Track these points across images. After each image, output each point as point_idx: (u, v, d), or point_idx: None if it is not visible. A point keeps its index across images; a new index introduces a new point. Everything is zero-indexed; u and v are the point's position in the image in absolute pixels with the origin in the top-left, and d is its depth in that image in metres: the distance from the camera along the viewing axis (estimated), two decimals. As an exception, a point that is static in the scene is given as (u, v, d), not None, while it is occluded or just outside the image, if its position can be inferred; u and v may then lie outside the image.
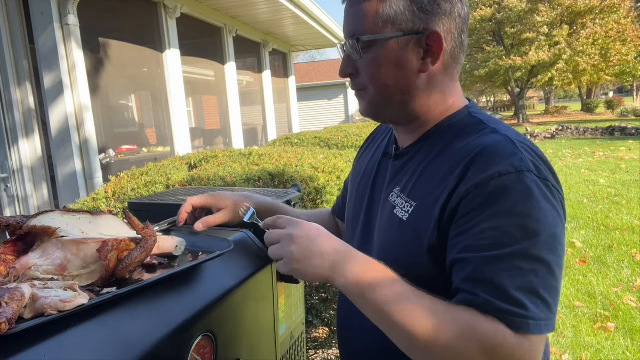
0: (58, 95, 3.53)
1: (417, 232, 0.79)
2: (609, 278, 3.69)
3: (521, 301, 0.65)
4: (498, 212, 0.69)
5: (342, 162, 2.84)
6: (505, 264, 0.67)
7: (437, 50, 0.80)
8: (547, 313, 0.66)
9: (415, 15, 0.79)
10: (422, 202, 0.80)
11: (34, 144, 3.68)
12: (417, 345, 0.68)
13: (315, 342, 2.20)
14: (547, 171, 0.74)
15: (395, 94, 0.84)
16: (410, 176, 0.86)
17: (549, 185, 0.72)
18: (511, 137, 0.76)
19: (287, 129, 9.16)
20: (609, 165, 8.91)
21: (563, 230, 0.72)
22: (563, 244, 0.72)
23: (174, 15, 4.91)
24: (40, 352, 0.62)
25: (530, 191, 0.69)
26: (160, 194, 1.49)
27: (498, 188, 0.70)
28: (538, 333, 0.65)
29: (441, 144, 0.83)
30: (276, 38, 8.15)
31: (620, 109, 24.96)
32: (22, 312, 0.65)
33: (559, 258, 0.70)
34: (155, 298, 0.81)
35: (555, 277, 0.68)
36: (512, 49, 22.43)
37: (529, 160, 0.72)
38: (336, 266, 0.76)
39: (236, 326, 0.98)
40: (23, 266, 0.76)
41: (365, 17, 0.81)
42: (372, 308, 0.73)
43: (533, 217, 0.68)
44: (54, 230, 0.80)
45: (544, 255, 0.67)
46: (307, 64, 23.36)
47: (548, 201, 0.70)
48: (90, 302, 0.69)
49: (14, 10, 3.51)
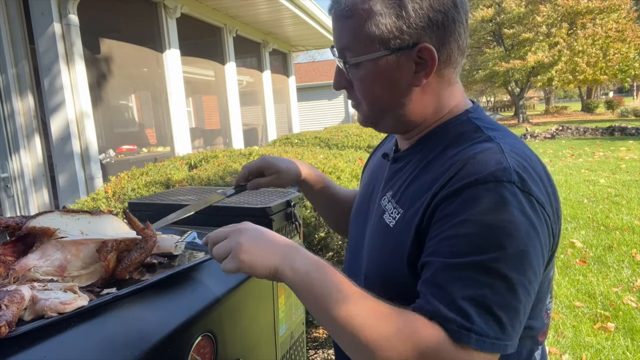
0: (58, 95, 3.53)
1: (400, 240, 0.76)
2: (609, 278, 3.69)
3: (467, 312, 0.62)
4: (467, 220, 0.66)
5: (342, 162, 2.84)
6: (461, 273, 0.64)
7: (429, 64, 0.76)
8: (498, 332, 0.62)
9: (403, 32, 0.74)
10: (407, 210, 0.78)
11: (34, 144, 3.68)
12: (357, 342, 0.66)
13: (315, 342, 2.20)
14: (536, 185, 0.69)
15: (389, 108, 0.82)
16: (402, 182, 0.84)
17: (531, 200, 0.67)
18: (502, 146, 0.72)
19: (287, 129, 9.16)
20: (609, 165, 8.91)
21: (538, 249, 0.67)
22: (534, 265, 0.66)
23: (174, 15, 4.91)
24: (40, 352, 0.62)
25: (505, 202, 0.65)
26: (160, 194, 1.49)
27: (472, 196, 0.67)
28: (479, 349, 0.61)
29: (435, 152, 0.80)
30: (276, 38, 8.15)
31: (620, 109, 24.96)
32: (22, 314, 0.65)
33: (525, 278, 0.65)
34: (156, 298, 0.81)
35: (517, 297, 0.64)
36: (512, 49, 22.43)
37: (514, 171, 0.68)
38: (287, 255, 0.73)
39: (236, 326, 0.98)
40: (22, 267, 0.76)
41: (351, 35, 0.78)
42: (317, 300, 0.69)
43: (502, 229, 0.64)
44: (53, 231, 0.80)
45: (505, 271, 0.63)
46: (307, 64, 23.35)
47: (525, 215, 0.65)
48: (90, 304, 0.69)
49: (14, 10, 3.51)
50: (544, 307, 0.82)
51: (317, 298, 0.69)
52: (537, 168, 0.73)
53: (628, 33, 19.90)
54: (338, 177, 2.48)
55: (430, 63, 0.76)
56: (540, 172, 0.72)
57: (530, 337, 0.80)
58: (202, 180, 2.33)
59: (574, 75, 20.94)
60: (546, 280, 0.79)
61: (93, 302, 0.70)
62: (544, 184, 0.72)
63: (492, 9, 22.31)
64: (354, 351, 0.68)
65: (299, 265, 0.71)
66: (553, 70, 20.86)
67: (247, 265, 0.73)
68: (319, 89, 19.51)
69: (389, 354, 0.63)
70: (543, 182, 0.72)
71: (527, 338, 0.79)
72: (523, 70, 21.66)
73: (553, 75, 21.02)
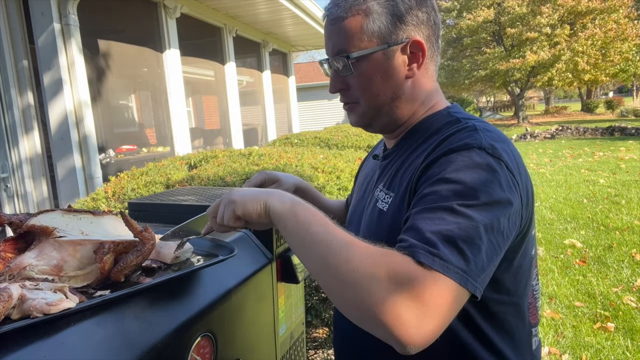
0: (58, 95, 3.53)
1: (394, 220, 0.82)
2: (608, 278, 3.69)
3: (434, 241, 0.66)
4: (440, 178, 0.73)
5: (342, 162, 2.84)
6: (432, 214, 0.70)
7: (420, 56, 0.87)
8: (462, 262, 0.65)
9: (397, 27, 0.85)
10: (397, 191, 0.85)
11: (33, 144, 3.68)
12: (330, 265, 0.69)
13: (315, 342, 2.20)
14: (507, 155, 0.75)
15: (385, 103, 0.90)
16: (391, 172, 0.91)
17: (501, 164, 0.73)
18: (477, 126, 0.81)
19: (287, 129, 9.16)
20: (608, 165, 8.91)
21: (507, 207, 0.72)
22: (501, 221, 0.70)
23: (174, 15, 4.91)
24: (40, 352, 0.62)
25: (475, 164, 0.72)
26: (160, 194, 1.49)
27: (445, 160, 0.75)
28: (445, 273, 0.64)
29: (420, 140, 0.88)
30: (276, 38, 8.15)
31: (620, 109, 24.97)
32: (11, 312, 0.64)
33: (491, 226, 0.69)
34: (156, 298, 0.80)
35: (481, 238, 0.68)
36: (512, 49, 22.43)
37: (486, 141, 0.75)
38: (274, 193, 0.81)
39: (236, 326, 0.98)
40: (17, 266, 0.75)
41: (351, 33, 0.86)
42: (299, 225, 0.75)
43: (470, 184, 0.70)
44: (51, 230, 0.80)
45: (471, 213, 0.68)
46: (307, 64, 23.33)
47: (493, 174, 0.72)
48: (77, 306, 0.68)
49: (14, 11, 3.51)
50: (528, 283, 0.87)
51: (300, 223, 0.75)
52: (510, 146, 0.80)
53: (628, 32, 19.89)
54: (338, 177, 2.48)
55: (421, 55, 0.87)
56: (513, 150, 0.80)
57: (519, 315, 0.85)
58: (202, 180, 2.33)
59: (575, 75, 20.94)
60: (527, 256, 0.85)
61: (81, 304, 0.69)
62: (515, 158, 0.79)
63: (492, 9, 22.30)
64: (331, 273, 0.69)
65: (287, 198, 0.79)
66: (553, 70, 20.85)
67: (240, 206, 0.81)
68: (319, 89, 19.50)
69: (363, 274, 0.65)
70: (515, 156, 0.79)
71: (516, 316, 0.85)
72: (523, 70, 21.65)
73: (553, 75, 21.01)
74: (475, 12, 22.17)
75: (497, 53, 22.56)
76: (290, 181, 1.19)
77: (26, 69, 3.58)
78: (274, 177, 1.17)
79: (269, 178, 1.17)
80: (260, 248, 1.16)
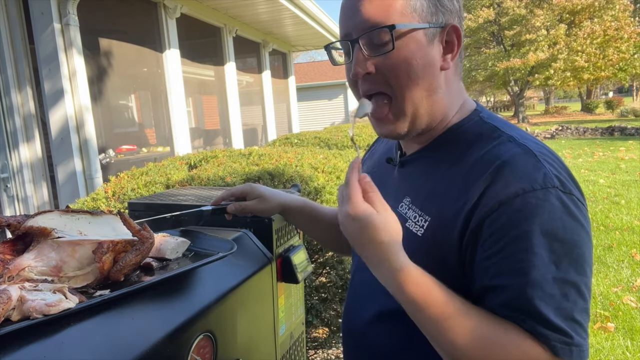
0: (58, 95, 3.53)
1: (436, 250, 0.75)
2: (608, 278, 3.69)
3: (562, 328, 0.65)
4: (524, 233, 0.66)
5: (342, 162, 2.84)
6: (538, 292, 0.66)
7: (456, 46, 0.79)
8: (584, 336, 0.67)
9: (437, 9, 0.77)
10: (437, 217, 0.76)
11: (34, 144, 3.68)
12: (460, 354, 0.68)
13: (315, 342, 2.20)
14: (571, 184, 0.71)
15: (423, 96, 0.78)
16: (420, 186, 0.81)
17: (574, 199, 0.69)
18: (532, 149, 0.72)
19: (287, 129, 9.15)
20: (608, 165, 8.90)
21: (590, 246, 0.70)
22: (590, 262, 0.70)
23: (174, 15, 4.91)
24: (40, 352, 0.62)
25: (556, 209, 0.67)
26: (160, 194, 1.49)
27: (523, 207, 0.67)
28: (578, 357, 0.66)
29: (455, 153, 0.79)
30: (276, 38, 8.15)
31: (620, 109, 24.96)
32: (10, 314, 0.64)
33: (587, 278, 0.69)
34: (156, 298, 0.80)
35: (585, 298, 0.68)
36: (512, 49, 22.42)
37: (553, 174, 0.69)
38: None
39: (236, 326, 0.98)
40: (16, 267, 0.75)
41: (392, 6, 0.75)
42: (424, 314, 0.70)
43: (559, 237, 0.66)
44: (49, 231, 0.79)
45: (571, 277, 0.67)
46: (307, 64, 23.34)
47: (574, 218, 0.68)
48: (77, 306, 0.68)
49: (14, 11, 3.51)
50: None
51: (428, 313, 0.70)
52: (565, 167, 0.74)
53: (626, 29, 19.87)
54: (338, 177, 2.47)
55: (456, 44, 0.79)
56: (569, 171, 0.74)
57: None
58: (202, 180, 2.33)
59: (573, 74, 20.94)
60: None
61: (81, 304, 0.69)
62: (573, 179, 0.73)
63: (492, 9, 22.30)
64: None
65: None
66: (551, 69, 20.85)
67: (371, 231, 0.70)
68: (319, 89, 19.50)
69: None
70: (574, 180, 0.73)
71: None
72: (523, 70, 21.65)
73: (551, 74, 21.01)
74: (475, 12, 22.18)
75: (496, 54, 22.57)
76: (276, 200, 1.13)
77: (26, 69, 3.58)
78: (257, 193, 1.12)
79: (252, 191, 1.12)
80: (260, 248, 1.16)
